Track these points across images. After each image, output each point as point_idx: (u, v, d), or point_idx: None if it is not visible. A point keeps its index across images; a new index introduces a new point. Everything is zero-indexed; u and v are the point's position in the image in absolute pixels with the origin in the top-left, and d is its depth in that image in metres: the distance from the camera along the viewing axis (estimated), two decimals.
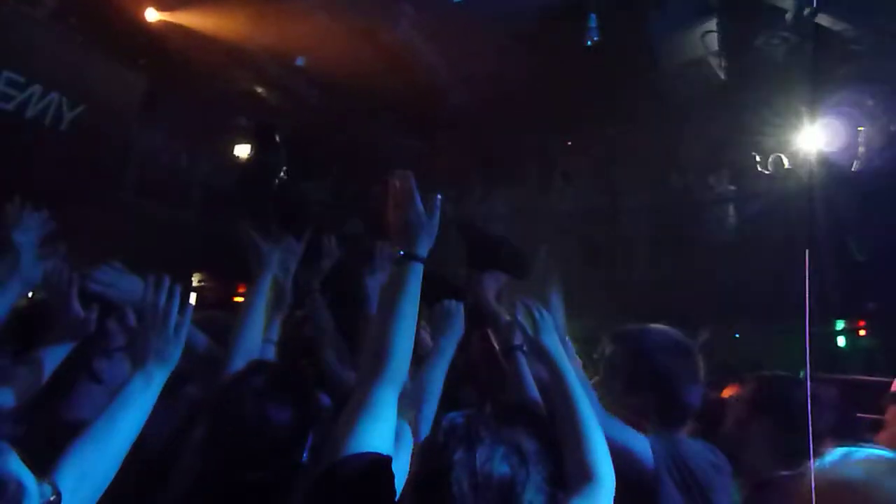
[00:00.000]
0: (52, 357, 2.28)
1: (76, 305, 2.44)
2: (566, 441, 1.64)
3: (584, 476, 1.58)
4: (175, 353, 1.91)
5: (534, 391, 2.17)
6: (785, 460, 2.21)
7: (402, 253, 1.89)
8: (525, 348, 2.28)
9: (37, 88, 8.27)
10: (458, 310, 2.47)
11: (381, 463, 1.48)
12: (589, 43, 8.43)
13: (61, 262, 2.71)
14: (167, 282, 1.99)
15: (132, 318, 2.30)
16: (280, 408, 1.85)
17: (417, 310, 1.80)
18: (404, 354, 1.70)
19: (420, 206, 1.95)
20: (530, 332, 2.03)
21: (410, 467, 1.62)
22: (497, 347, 2.71)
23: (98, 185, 9.29)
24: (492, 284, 2.71)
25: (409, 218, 1.92)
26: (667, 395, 2.00)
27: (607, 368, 2.11)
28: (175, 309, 1.97)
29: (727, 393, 3.56)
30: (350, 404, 1.64)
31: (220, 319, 2.93)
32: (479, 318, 2.69)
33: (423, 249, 1.90)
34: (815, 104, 9.15)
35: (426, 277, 1.92)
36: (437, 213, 1.94)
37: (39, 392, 2.19)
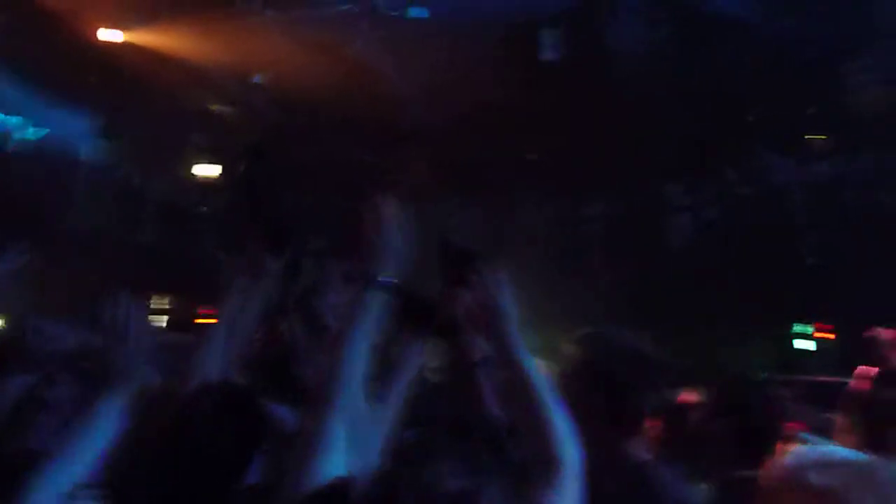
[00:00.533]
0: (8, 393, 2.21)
1: (33, 338, 2.37)
2: (529, 429, 1.65)
3: (549, 462, 1.59)
4: (140, 370, 1.88)
5: (493, 404, 2.18)
6: (749, 461, 2.23)
7: (364, 276, 1.76)
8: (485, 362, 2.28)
9: None
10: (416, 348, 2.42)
11: (334, 493, 1.46)
12: (547, 56, 8.55)
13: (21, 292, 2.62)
14: (125, 300, 1.95)
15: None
16: (224, 429, 1.81)
17: (373, 335, 1.74)
18: (355, 382, 1.67)
19: (389, 229, 1.80)
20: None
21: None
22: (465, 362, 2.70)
23: (52, 206, 9.11)
24: (464, 299, 2.68)
25: (374, 240, 1.78)
26: (617, 400, 2.00)
27: (564, 372, 2.11)
28: (136, 325, 1.93)
29: (686, 398, 3.60)
30: (300, 437, 1.62)
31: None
32: (452, 334, 2.67)
33: (386, 273, 1.77)
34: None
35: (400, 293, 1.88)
36: (402, 237, 1.82)
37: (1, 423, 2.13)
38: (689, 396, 3.46)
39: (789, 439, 2.62)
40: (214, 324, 2.53)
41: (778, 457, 1.43)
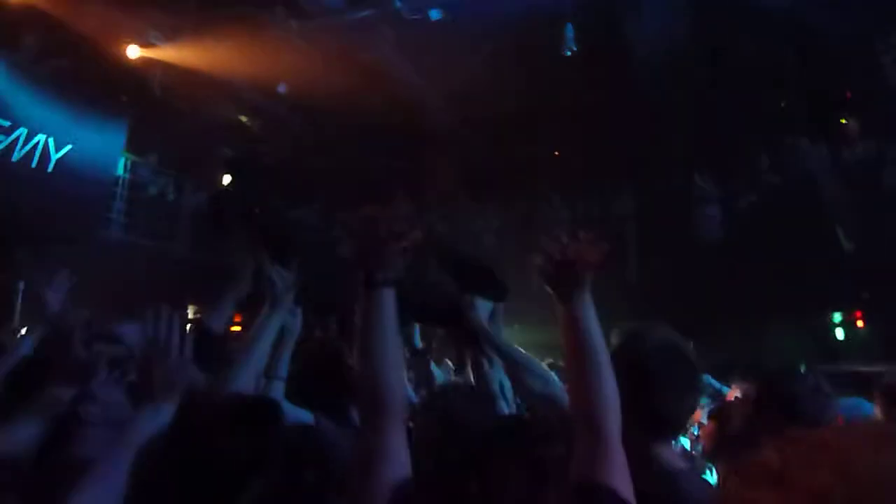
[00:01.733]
0: (57, 400, 2.24)
1: (79, 349, 2.39)
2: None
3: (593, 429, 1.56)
4: (180, 385, 1.89)
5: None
6: None
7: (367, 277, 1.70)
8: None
9: (22, 132, 8.29)
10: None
11: None
12: (567, 53, 8.49)
13: (67, 305, 2.68)
14: (166, 313, 1.97)
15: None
16: (234, 440, 1.78)
17: (396, 333, 1.67)
18: (398, 385, 1.63)
19: (391, 227, 1.74)
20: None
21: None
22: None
23: (86, 223, 9.28)
24: (484, 306, 2.67)
25: (374, 239, 1.73)
26: (650, 402, 1.89)
27: None
28: (177, 340, 1.95)
29: (731, 395, 3.54)
30: (361, 449, 1.58)
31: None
32: (473, 340, 2.66)
33: (393, 272, 1.70)
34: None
35: (419, 300, 1.87)
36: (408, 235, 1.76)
37: (46, 435, 2.15)
38: (732, 395, 3.40)
39: None
40: (245, 340, 2.55)
41: None
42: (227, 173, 11.67)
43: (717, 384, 5.28)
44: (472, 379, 2.85)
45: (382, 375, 1.60)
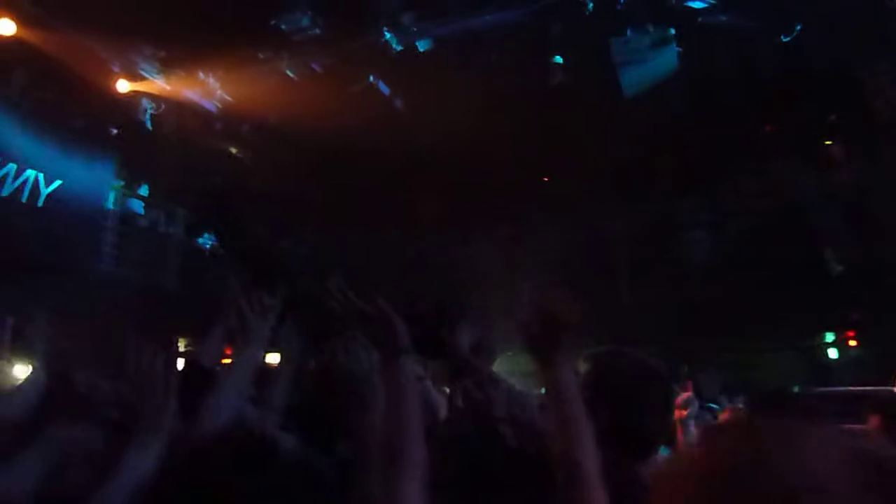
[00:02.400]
0: (57, 441, 2.19)
1: (81, 388, 2.33)
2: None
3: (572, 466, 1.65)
4: (167, 420, 1.87)
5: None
6: None
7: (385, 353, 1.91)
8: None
9: (11, 167, 8.29)
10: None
11: None
12: (555, 81, 8.60)
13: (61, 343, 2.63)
14: (149, 347, 1.96)
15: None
16: (242, 478, 1.75)
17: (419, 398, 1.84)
18: (418, 443, 1.73)
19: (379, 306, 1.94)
20: None
21: None
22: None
23: (77, 256, 9.24)
24: (466, 336, 2.68)
25: (375, 316, 1.93)
26: (624, 419, 1.92)
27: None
28: (163, 375, 1.93)
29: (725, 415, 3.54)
30: (370, 496, 1.69)
31: None
32: (457, 371, 2.66)
33: (404, 342, 1.91)
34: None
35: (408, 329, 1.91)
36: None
37: (46, 477, 2.11)
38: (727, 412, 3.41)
39: None
40: (228, 366, 2.51)
41: None
42: (215, 203, 11.64)
43: (713, 404, 5.27)
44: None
45: (407, 429, 1.74)
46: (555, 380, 1.78)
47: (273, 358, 2.79)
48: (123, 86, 9.42)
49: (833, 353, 11.04)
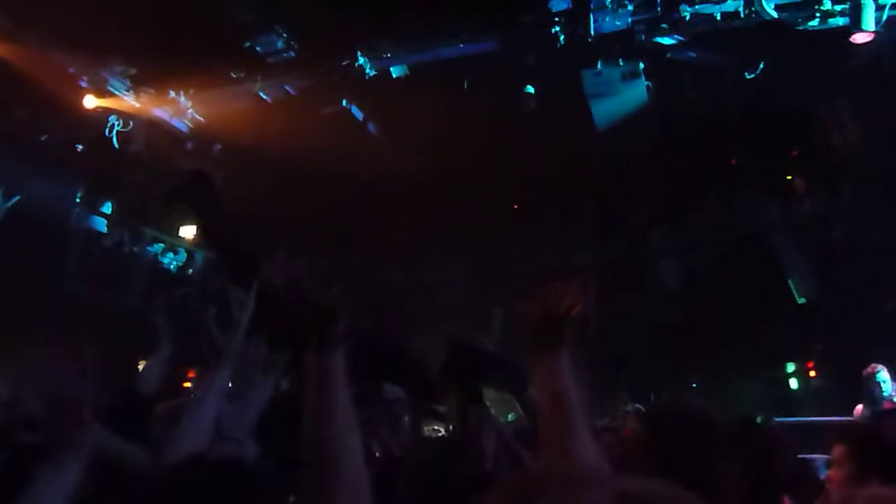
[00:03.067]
0: None
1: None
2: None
3: None
4: (88, 443, 1.79)
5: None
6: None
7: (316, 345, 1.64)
8: None
9: None
10: None
11: None
12: (528, 109, 8.70)
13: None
14: (67, 368, 1.89)
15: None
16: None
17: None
18: (357, 453, 1.53)
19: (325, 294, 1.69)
20: None
21: None
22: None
23: (39, 275, 9.02)
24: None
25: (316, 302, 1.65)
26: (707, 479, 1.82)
27: (630, 449, 1.94)
28: (86, 396, 1.85)
29: None
30: None
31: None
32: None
33: (338, 334, 1.67)
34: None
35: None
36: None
37: None
38: None
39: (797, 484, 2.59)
40: (202, 392, 2.45)
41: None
42: (187, 224, 11.50)
43: None
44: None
45: (341, 441, 1.49)
46: (551, 368, 1.69)
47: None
48: (91, 101, 9.27)
49: (794, 384, 11.22)
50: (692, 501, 0.82)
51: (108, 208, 10.68)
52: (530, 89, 8.90)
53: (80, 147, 9.59)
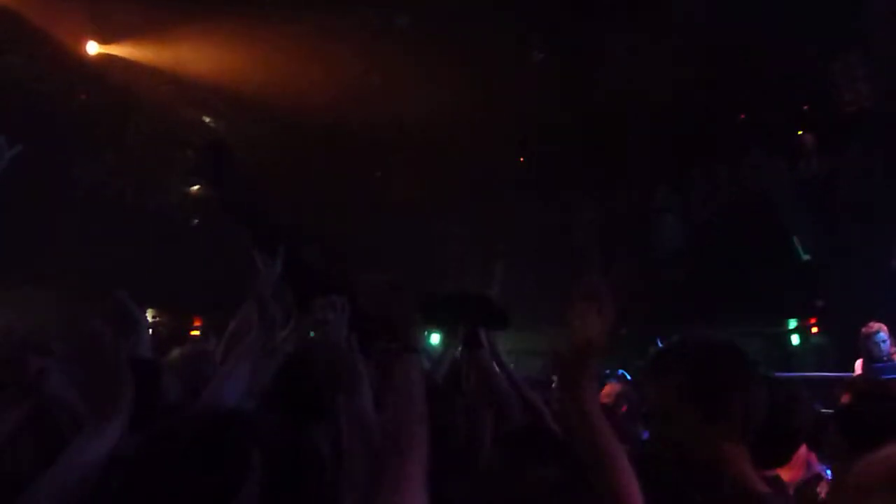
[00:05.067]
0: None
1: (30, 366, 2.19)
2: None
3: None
4: (126, 399, 1.79)
5: None
6: (769, 461, 2.22)
7: (395, 347, 1.97)
8: None
9: None
10: None
11: None
12: (534, 60, 8.59)
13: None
14: (101, 326, 1.87)
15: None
16: (204, 465, 1.67)
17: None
18: (423, 439, 1.77)
19: (405, 305, 2.05)
20: None
21: None
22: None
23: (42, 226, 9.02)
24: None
25: (398, 315, 2.02)
26: (729, 411, 1.78)
27: (653, 381, 1.93)
28: (120, 352, 1.85)
29: None
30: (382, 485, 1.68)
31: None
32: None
33: (418, 340, 2.03)
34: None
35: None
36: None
37: None
38: None
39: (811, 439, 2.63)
40: (237, 355, 2.53)
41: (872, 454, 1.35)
42: (190, 175, 11.47)
43: None
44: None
45: (415, 425, 1.78)
46: (581, 406, 1.71)
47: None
48: (93, 48, 9.14)
49: (795, 340, 11.32)
50: None
51: (109, 157, 10.61)
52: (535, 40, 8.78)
53: (83, 96, 9.49)
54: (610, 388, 5.05)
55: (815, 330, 11.00)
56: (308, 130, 10.55)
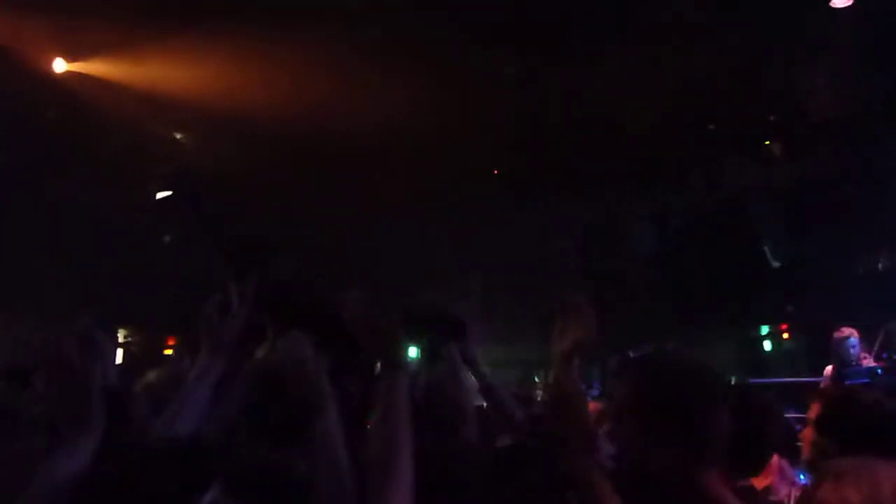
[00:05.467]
0: None
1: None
2: None
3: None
4: (99, 417, 1.76)
5: None
6: (743, 470, 2.25)
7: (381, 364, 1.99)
8: None
9: None
10: None
11: None
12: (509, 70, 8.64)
13: None
14: (84, 338, 1.85)
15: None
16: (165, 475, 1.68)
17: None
18: (407, 460, 1.80)
19: (391, 322, 2.05)
20: None
21: None
22: None
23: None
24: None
25: (383, 331, 2.02)
26: (699, 428, 1.86)
27: (623, 399, 2.02)
28: (96, 367, 1.82)
29: None
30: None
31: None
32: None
33: (404, 357, 2.02)
34: None
35: None
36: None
37: None
38: None
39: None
40: (197, 375, 2.48)
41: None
42: (161, 190, 11.35)
43: None
44: None
45: (401, 446, 1.82)
46: (565, 382, 1.96)
47: None
48: (60, 65, 9.02)
49: (767, 345, 11.46)
50: None
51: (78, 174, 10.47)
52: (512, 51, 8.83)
53: (49, 114, 9.36)
54: (592, 406, 4.89)
55: (786, 336, 11.14)
56: (279, 143, 10.50)
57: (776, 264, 10.13)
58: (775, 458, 2.83)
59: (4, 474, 1.90)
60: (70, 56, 9.00)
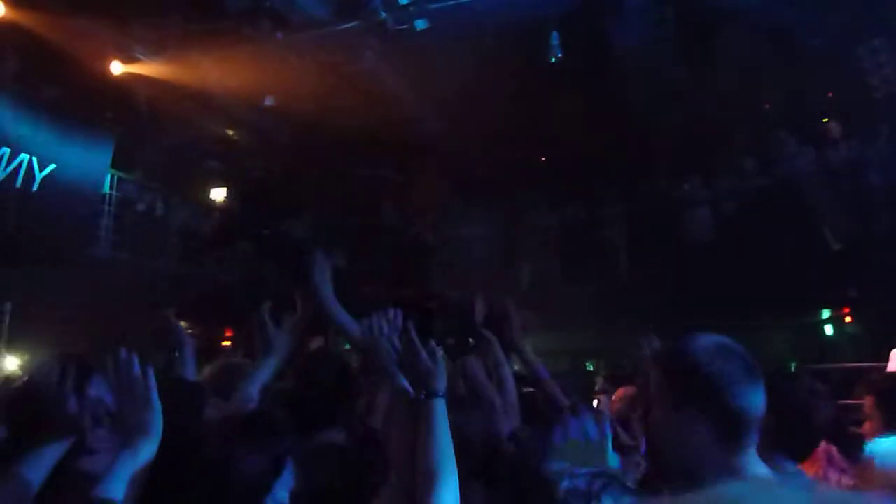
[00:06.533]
0: (42, 463, 2.02)
1: (71, 402, 2.14)
2: None
3: None
4: (157, 423, 1.82)
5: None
6: (791, 458, 2.20)
7: (423, 395, 2.09)
8: None
9: (5, 151, 8.21)
10: None
11: None
12: (553, 60, 8.55)
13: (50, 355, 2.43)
14: (125, 352, 1.91)
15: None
16: (245, 452, 1.75)
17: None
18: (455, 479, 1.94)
19: (426, 354, 2.15)
20: None
21: None
22: None
23: (73, 241, 9.20)
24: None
25: (421, 365, 2.13)
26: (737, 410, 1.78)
27: (652, 376, 1.96)
28: (151, 378, 1.88)
29: None
30: None
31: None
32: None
33: (441, 387, 2.11)
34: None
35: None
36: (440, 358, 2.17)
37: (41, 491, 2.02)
38: None
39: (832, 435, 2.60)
40: (262, 355, 2.62)
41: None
42: (216, 187, 11.63)
43: None
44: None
45: (447, 470, 1.95)
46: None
47: None
48: (117, 68, 9.33)
49: (829, 330, 11.10)
50: None
51: (138, 173, 10.81)
52: (555, 38, 8.74)
53: (109, 114, 9.67)
54: (623, 392, 4.52)
55: (848, 320, 10.77)
56: (329, 139, 10.63)
57: (836, 247, 9.78)
58: (823, 445, 2.75)
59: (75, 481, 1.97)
60: (126, 58, 9.29)
